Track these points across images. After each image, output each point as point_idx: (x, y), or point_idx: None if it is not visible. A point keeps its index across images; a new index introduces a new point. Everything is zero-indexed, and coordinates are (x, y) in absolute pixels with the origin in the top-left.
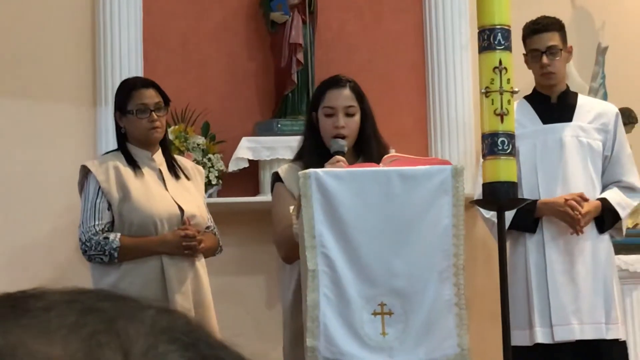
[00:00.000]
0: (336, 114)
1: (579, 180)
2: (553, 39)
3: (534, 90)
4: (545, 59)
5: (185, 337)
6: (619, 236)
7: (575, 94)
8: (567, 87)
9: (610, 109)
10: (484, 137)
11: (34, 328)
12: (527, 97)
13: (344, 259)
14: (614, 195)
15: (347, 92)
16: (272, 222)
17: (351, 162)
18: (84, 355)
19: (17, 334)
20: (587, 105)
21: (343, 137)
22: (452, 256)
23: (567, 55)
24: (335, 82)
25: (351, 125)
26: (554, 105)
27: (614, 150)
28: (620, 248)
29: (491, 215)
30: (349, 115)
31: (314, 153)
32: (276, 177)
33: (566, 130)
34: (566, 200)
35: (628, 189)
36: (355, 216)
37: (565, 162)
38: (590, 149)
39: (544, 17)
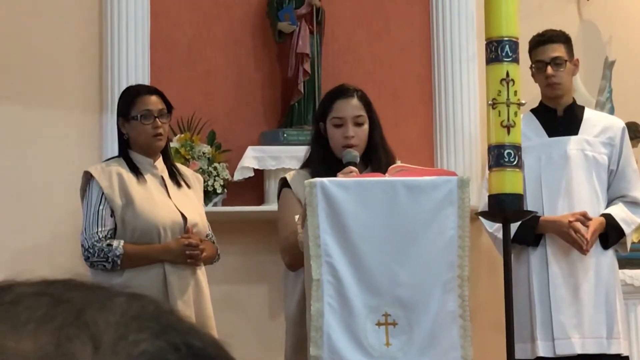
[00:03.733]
0: (345, 124)
1: (584, 194)
2: (558, 50)
3: (541, 103)
4: (550, 70)
5: (155, 324)
6: (624, 251)
7: (582, 108)
8: (574, 100)
9: (616, 123)
10: (490, 148)
11: (2, 323)
12: (533, 110)
13: (348, 268)
14: (618, 211)
15: (355, 101)
16: (278, 228)
17: (360, 171)
18: (54, 348)
19: None
20: (593, 119)
21: (352, 147)
22: (457, 267)
23: (573, 68)
24: (342, 92)
25: (360, 134)
26: (560, 119)
27: (620, 165)
28: (625, 263)
29: (494, 229)
30: (357, 124)
31: (322, 163)
32: (284, 183)
33: (572, 144)
34: (570, 221)
35: (633, 204)
36: (360, 226)
37: (570, 176)
38: (595, 163)
39: (550, 30)
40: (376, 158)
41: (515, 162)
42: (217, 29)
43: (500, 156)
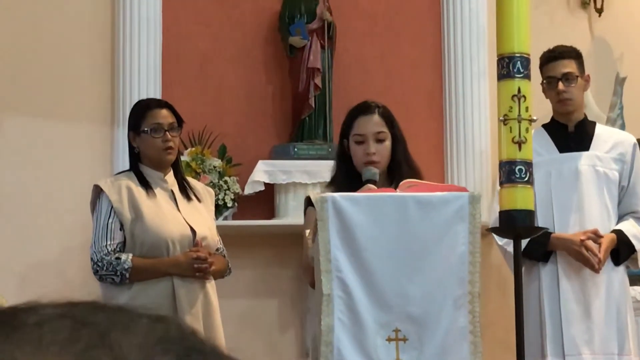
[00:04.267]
0: (366, 141)
1: (594, 210)
2: (569, 66)
3: (552, 119)
4: (561, 86)
5: (179, 346)
6: (635, 267)
7: (594, 123)
8: (585, 116)
9: (628, 139)
10: (502, 164)
11: (26, 345)
12: (544, 126)
13: (359, 284)
14: (629, 227)
15: (376, 118)
16: (303, 247)
17: (384, 188)
18: None
19: (8, 351)
20: (604, 135)
21: (374, 164)
22: (468, 283)
23: (585, 84)
24: (364, 108)
25: (382, 151)
26: (571, 134)
27: (631, 181)
28: (636, 279)
29: (504, 242)
30: (379, 141)
31: (346, 180)
32: (308, 202)
33: (583, 159)
34: (582, 240)
35: None
36: (371, 241)
37: (581, 191)
38: (606, 179)
39: (561, 46)
40: (399, 174)
41: (526, 178)
42: (229, 43)
43: (512, 172)
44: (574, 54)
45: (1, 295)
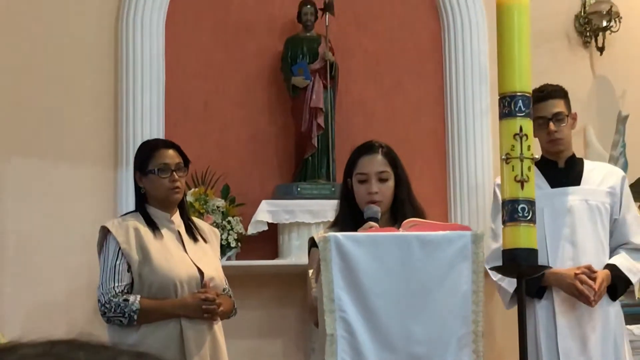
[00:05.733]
0: (369, 180)
1: (588, 244)
2: (559, 106)
3: (542, 156)
4: (552, 126)
5: None
6: (631, 300)
7: (582, 159)
8: (573, 153)
9: (616, 172)
10: (504, 203)
11: None
12: (535, 163)
13: (362, 323)
14: (622, 261)
15: (379, 157)
16: (307, 288)
17: (387, 227)
18: None
19: None
20: (594, 169)
21: (376, 203)
22: (472, 322)
23: (572, 122)
24: (368, 148)
25: (385, 191)
26: (561, 170)
27: (621, 213)
28: (638, 317)
29: (499, 278)
30: (382, 180)
31: (349, 219)
32: (312, 243)
33: (575, 194)
34: (576, 274)
35: (636, 250)
36: (374, 281)
37: (574, 226)
38: (599, 212)
39: (548, 85)
40: (402, 214)
41: (529, 217)
42: (232, 84)
43: (515, 211)
44: (562, 93)
45: (1, 333)
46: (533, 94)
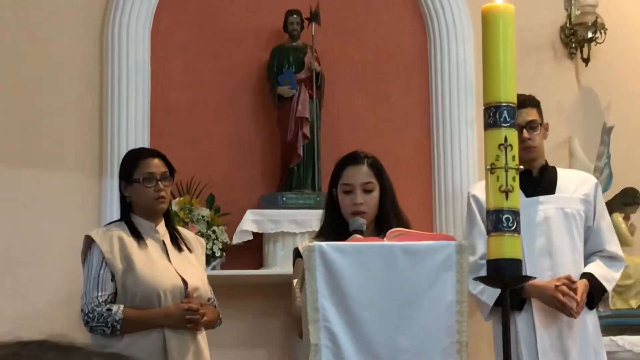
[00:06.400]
0: (354, 191)
1: (565, 253)
2: (532, 114)
3: None
4: (526, 133)
5: None
6: (606, 308)
7: (554, 168)
8: (546, 161)
9: (590, 179)
10: (489, 213)
11: None
12: None
13: (346, 333)
14: (597, 269)
15: (365, 168)
16: (291, 298)
17: (372, 237)
18: None
19: None
20: (567, 177)
21: (361, 214)
22: (456, 332)
23: (545, 132)
24: (353, 158)
25: (369, 201)
26: (536, 179)
27: (595, 221)
28: (625, 329)
29: (477, 291)
30: (367, 191)
31: (334, 229)
32: (297, 253)
33: (550, 203)
34: (556, 286)
35: (610, 258)
36: (358, 290)
37: (551, 236)
38: (574, 220)
39: (521, 95)
40: (387, 225)
41: (513, 227)
42: (217, 93)
43: (499, 221)
44: (535, 102)
45: None
46: None
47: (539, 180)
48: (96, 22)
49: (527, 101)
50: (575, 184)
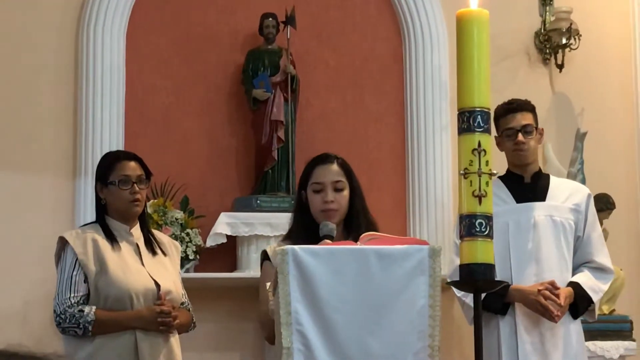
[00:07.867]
0: (325, 189)
1: (552, 260)
2: (528, 118)
3: (508, 170)
4: (521, 137)
5: None
6: (592, 319)
7: (548, 175)
8: (540, 168)
9: (582, 190)
10: (462, 218)
11: None
12: (501, 177)
13: (319, 337)
14: (585, 280)
15: (335, 167)
16: (258, 301)
17: (341, 240)
18: None
19: None
20: (559, 186)
21: (332, 211)
22: (428, 337)
23: (539, 137)
24: (323, 158)
25: (340, 200)
26: (527, 185)
27: (586, 231)
28: (597, 334)
29: (462, 294)
30: (337, 190)
31: (303, 232)
32: (264, 256)
33: (540, 210)
34: (539, 290)
35: (599, 269)
36: (331, 294)
37: (538, 242)
38: (563, 228)
39: (516, 99)
40: (357, 226)
41: (486, 232)
42: (192, 96)
43: (472, 226)
44: (530, 107)
45: None
46: (502, 107)
47: (530, 187)
48: (71, 24)
49: (523, 105)
50: (566, 193)
